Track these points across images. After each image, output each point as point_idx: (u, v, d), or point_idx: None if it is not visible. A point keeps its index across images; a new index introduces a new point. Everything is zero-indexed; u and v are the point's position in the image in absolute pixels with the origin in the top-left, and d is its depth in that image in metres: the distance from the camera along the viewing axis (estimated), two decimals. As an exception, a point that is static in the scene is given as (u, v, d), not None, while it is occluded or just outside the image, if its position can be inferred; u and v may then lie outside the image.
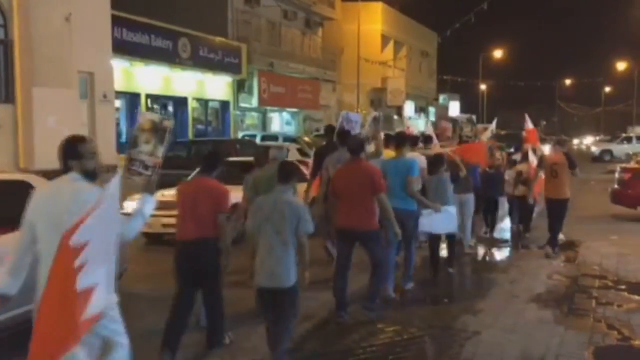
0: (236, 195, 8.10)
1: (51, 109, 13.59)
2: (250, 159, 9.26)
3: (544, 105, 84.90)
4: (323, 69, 35.83)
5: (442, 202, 7.77)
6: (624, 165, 17.79)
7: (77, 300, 3.13)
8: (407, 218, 7.05)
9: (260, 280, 4.85)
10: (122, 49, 19.55)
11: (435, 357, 5.43)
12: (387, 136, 9.21)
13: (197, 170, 5.97)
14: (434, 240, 8.13)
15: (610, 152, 38.27)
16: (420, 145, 10.11)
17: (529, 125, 12.37)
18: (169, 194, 10.47)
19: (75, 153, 3.78)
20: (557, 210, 9.56)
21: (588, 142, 58.16)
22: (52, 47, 13.86)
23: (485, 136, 12.81)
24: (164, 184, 13.26)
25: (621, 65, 64.64)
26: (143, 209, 4.11)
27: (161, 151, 4.70)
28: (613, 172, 14.72)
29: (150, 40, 21.63)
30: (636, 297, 7.27)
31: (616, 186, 14.24)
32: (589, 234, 11.49)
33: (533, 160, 10.71)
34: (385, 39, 44.76)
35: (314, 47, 36.71)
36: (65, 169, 3.76)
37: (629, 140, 38.30)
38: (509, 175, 11.27)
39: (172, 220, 9.69)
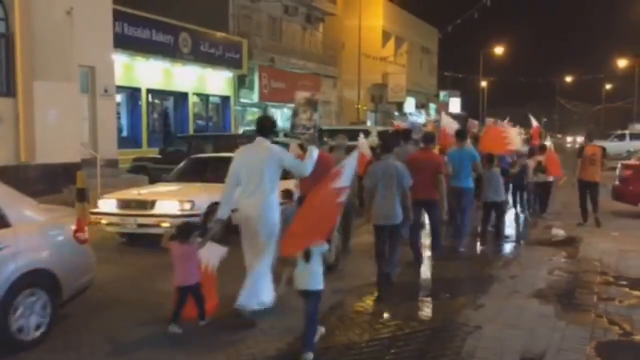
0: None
1: (52, 102, 13.55)
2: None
3: (544, 102, 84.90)
4: (323, 65, 35.78)
5: (495, 193, 9.93)
6: (624, 161, 17.77)
7: (333, 219, 5.61)
8: (464, 193, 9.41)
9: (378, 220, 7.37)
10: (123, 43, 19.52)
11: (436, 351, 5.42)
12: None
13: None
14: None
15: (603, 149, 37.88)
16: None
17: (534, 123, 14.65)
18: (146, 192, 10.37)
19: (268, 128, 6.45)
20: (593, 190, 12.02)
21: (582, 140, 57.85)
22: (53, 40, 13.81)
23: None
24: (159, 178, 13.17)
25: (622, 62, 64.56)
26: (312, 154, 6.39)
27: (315, 115, 6.88)
28: (613, 169, 14.72)
29: (151, 34, 21.60)
30: (637, 293, 7.27)
31: (617, 183, 14.24)
32: (589, 230, 11.51)
33: (551, 146, 13.62)
34: (386, 35, 44.70)
35: (315, 43, 36.66)
36: (260, 134, 6.34)
37: (621, 137, 38.02)
38: (529, 164, 12.86)
39: (148, 220, 9.80)
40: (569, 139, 67.24)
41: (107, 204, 10.07)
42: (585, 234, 11.06)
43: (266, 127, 6.47)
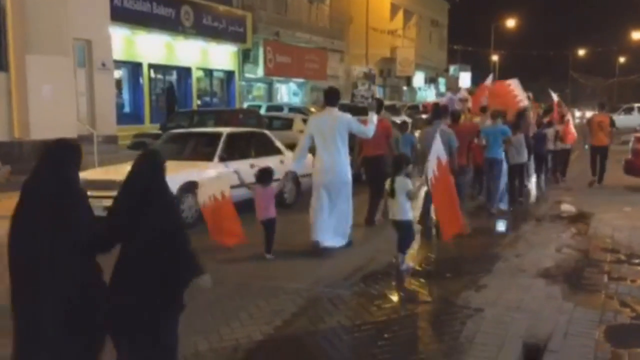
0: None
1: (46, 77, 13.20)
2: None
3: (557, 75, 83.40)
4: (330, 38, 35.12)
5: (519, 156, 11.08)
6: (638, 134, 17.29)
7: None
8: (496, 163, 10.52)
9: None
10: (123, 16, 19.09)
11: (433, 336, 5.06)
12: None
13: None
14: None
15: (610, 118, 37.02)
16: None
17: (554, 97, 15.50)
18: (114, 171, 9.06)
19: (335, 98, 7.72)
20: (602, 153, 13.58)
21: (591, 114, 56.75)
22: (46, 12, 13.39)
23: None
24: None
25: (636, 35, 63.12)
26: (372, 119, 7.77)
27: (373, 87, 16.15)
28: (626, 142, 14.22)
29: (151, 7, 21.12)
30: (651, 272, 6.87)
31: (629, 156, 13.73)
32: (601, 206, 11.05)
33: (570, 119, 15.02)
34: (394, 8, 43.82)
35: (321, 16, 35.95)
36: (329, 105, 7.64)
37: (628, 111, 37.09)
38: (549, 133, 13.69)
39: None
40: (578, 113, 66.11)
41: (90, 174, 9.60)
42: (596, 210, 10.61)
43: (333, 97, 7.74)
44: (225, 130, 10.58)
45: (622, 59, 79.49)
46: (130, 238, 3.47)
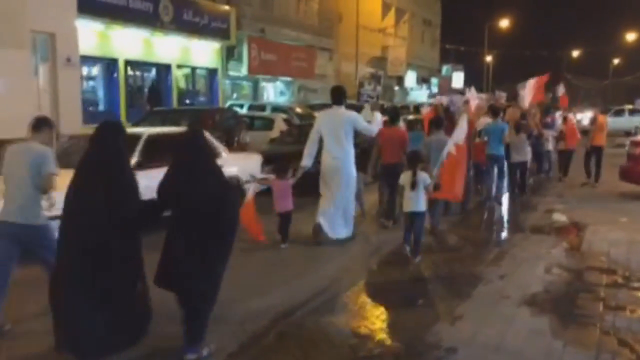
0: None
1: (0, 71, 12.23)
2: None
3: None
4: (319, 36, 34.16)
5: (519, 154, 11.87)
6: (634, 138, 16.61)
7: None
8: (498, 158, 11.32)
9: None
10: (95, 9, 18.02)
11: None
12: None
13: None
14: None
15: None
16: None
17: (561, 90, 17.98)
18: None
19: (341, 96, 8.20)
20: (600, 153, 13.90)
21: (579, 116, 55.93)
22: (1, 3, 12.43)
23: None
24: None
25: (630, 36, 62.50)
26: (377, 118, 8.89)
27: (377, 87, 21.49)
28: (621, 145, 13.42)
29: (127, 0, 20.10)
30: (652, 299, 6.00)
31: (626, 162, 12.90)
32: (595, 215, 10.23)
33: (572, 119, 15.74)
34: (386, 6, 42.88)
35: (310, 13, 34.98)
36: (335, 103, 8.09)
37: (619, 113, 36.21)
38: (551, 134, 14.72)
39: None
40: (570, 115, 65.26)
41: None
42: (590, 220, 9.76)
43: (339, 95, 8.20)
44: (146, 131, 9.17)
45: (616, 61, 78.96)
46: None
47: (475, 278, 6.65)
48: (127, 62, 21.42)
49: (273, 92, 32.59)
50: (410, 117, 18.17)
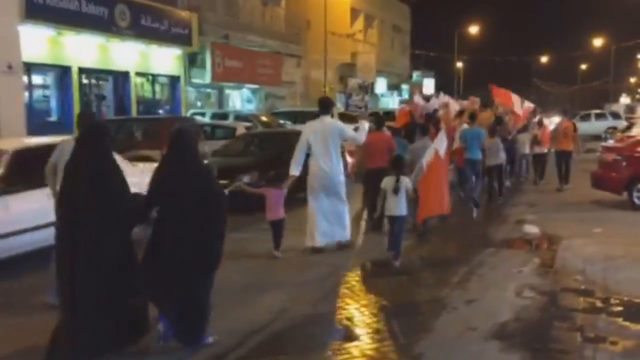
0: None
1: None
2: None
3: (521, 82, 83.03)
4: (286, 42, 33.44)
5: (495, 158, 11.98)
6: (605, 144, 16.28)
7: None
8: (476, 162, 11.53)
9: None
10: (44, 14, 17.09)
11: None
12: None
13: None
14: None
15: (573, 124, 36.04)
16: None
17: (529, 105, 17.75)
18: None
19: (329, 107, 8.56)
20: (566, 157, 14.06)
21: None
22: None
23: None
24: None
25: (597, 42, 63.08)
26: (364, 126, 8.54)
27: (365, 97, 26.28)
28: (592, 150, 12.96)
29: (80, 5, 19.03)
30: (636, 327, 5.33)
31: (597, 169, 12.40)
32: (568, 226, 9.65)
33: (548, 124, 16.56)
34: (354, 12, 42.40)
35: (276, 19, 34.27)
36: (322, 113, 8.24)
37: (586, 117, 36.11)
38: (526, 138, 15.08)
39: None
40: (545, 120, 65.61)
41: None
42: (563, 232, 9.16)
43: (326, 106, 8.43)
44: (10, 146, 7.63)
45: (583, 66, 79.76)
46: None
47: (439, 304, 5.93)
48: (81, 70, 20.43)
49: (240, 99, 31.77)
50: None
